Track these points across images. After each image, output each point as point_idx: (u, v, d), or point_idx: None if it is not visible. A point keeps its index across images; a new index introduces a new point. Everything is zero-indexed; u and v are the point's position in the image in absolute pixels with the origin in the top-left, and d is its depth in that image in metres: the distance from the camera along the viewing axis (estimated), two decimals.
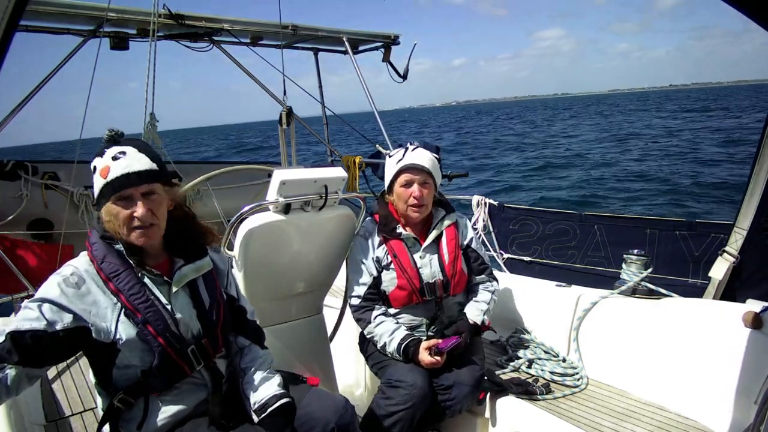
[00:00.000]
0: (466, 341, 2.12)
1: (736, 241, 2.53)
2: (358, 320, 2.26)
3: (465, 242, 2.34)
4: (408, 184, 2.19)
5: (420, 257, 2.23)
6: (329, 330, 2.55)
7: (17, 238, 3.87)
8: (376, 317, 2.19)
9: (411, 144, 2.27)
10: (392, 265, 2.20)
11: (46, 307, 1.32)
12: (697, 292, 2.96)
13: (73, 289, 1.37)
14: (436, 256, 2.24)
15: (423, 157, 2.20)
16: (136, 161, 1.42)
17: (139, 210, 1.40)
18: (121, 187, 1.40)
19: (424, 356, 2.07)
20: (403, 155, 2.21)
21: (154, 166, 1.45)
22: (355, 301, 2.24)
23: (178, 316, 1.49)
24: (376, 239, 2.25)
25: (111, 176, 1.40)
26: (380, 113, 4.85)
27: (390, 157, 2.30)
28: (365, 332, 2.24)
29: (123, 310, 1.41)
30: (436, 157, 2.26)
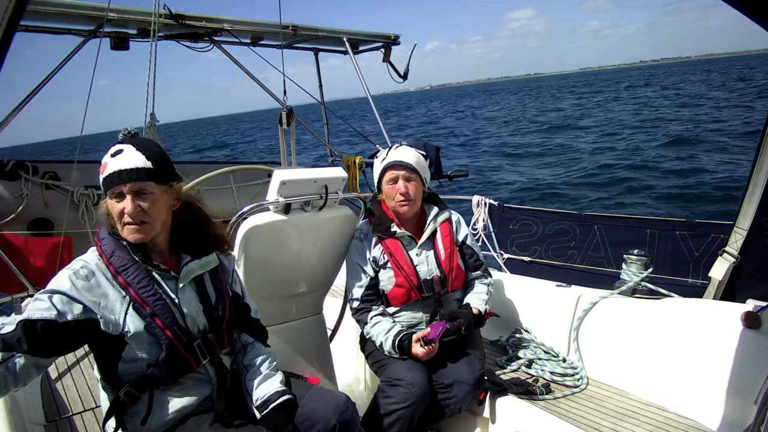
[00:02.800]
0: (462, 325, 2.11)
1: (736, 241, 2.53)
2: (357, 321, 2.27)
3: (460, 238, 2.36)
4: (393, 181, 2.22)
5: (416, 254, 2.23)
6: (329, 330, 2.55)
7: (17, 235, 3.87)
8: (372, 317, 2.20)
9: (399, 143, 2.32)
10: (389, 264, 2.21)
11: (56, 298, 1.35)
12: (697, 292, 2.96)
13: (83, 281, 1.41)
14: (432, 252, 2.25)
15: (406, 154, 2.24)
16: (129, 159, 1.44)
17: (127, 207, 1.43)
18: (112, 184, 1.44)
19: (416, 348, 2.07)
20: (387, 154, 2.27)
21: (148, 164, 1.45)
22: (354, 304, 2.26)
23: (185, 310, 1.52)
24: (372, 240, 2.26)
25: (105, 173, 1.44)
26: (353, 101, 4.89)
27: (377, 158, 2.34)
28: (364, 332, 2.25)
29: (131, 303, 1.44)
30: (422, 154, 2.28)
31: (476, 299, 2.27)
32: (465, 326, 2.13)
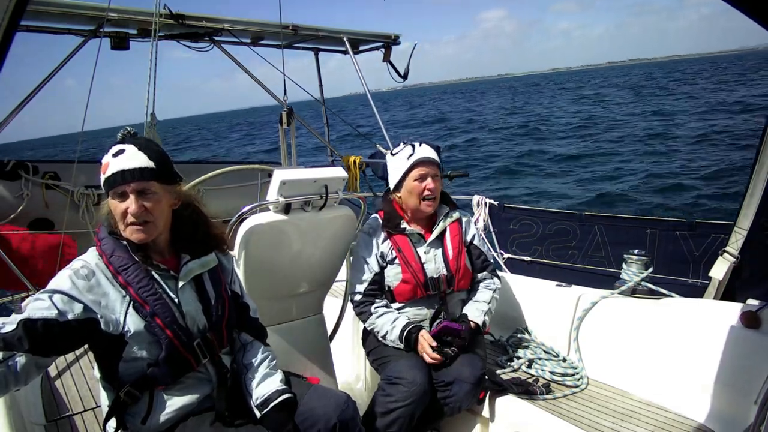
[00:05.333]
0: (466, 342, 2.12)
1: (736, 241, 2.53)
2: (359, 314, 2.27)
3: (468, 239, 2.36)
4: (422, 178, 2.22)
5: (424, 252, 2.24)
6: (329, 329, 2.55)
7: (18, 234, 3.87)
8: (377, 308, 2.21)
9: (411, 142, 2.30)
10: (397, 260, 2.22)
11: (57, 297, 1.35)
12: (697, 292, 2.96)
13: (84, 281, 1.41)
14: (440, 251, 2.26)
15: (431, 151, 2.26)
16: (131, 159, 1.45)
17: (131, 206, 1.43)
18: (115, 183, 1.44)
19: (424, 343, 2.09)
20: (413, 150, 2.25)
21: (150, 164, 1.46)
22: (356, 297, 2.26)
23: (185, 309, 1.52)
24: (381, 235, 2.27)
25: (108, 173, 1.44)
26: (330, 99, 4.90)
27: (393, 155, 2.32)
28: (366, 325, 2.25)
29: (131, 302, 1.44)
30: None
31: (475, 311, 2.26)
32: (463, 343, 2.13)
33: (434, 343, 2.09)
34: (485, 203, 4.39)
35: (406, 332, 2.13)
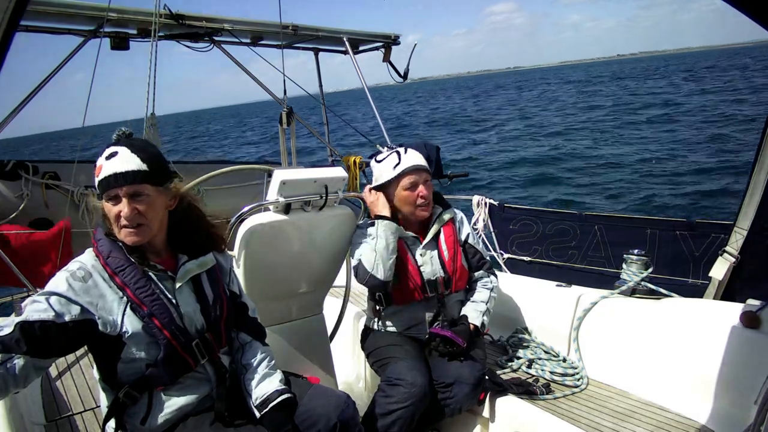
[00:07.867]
0: (464, 345, 2.11)
1: (736, 241, 2.53)
2: (364, 278, 2.12)
3: (462, 237, 2.35)
4: (413, 186, 2.19)
5: (420, 255, 2.24)
6: (329, 329, 2.55)
7: (17, 233, 3.87)
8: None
9: (398, 147, 2.29)
10: None
11: (54, 299, 1.35)
12: (697, 292, 2.96)
13: (80, 282, 1.41)
14: (436, 253, 2.25)
15: (419, 157, 2.23)
16: (124, 162, 1.44)
17: (124, 210, 1.43)
18: (108, 187, 1.44)
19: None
20: (399, 159, 2.22)
21: (143, 167, 1.45)
22: (356, 264, 2.18)
23: (183, 310, 1.52)
24: None
25: (101, 175, 1.44)
26: (332, 94, 4.90)
27: (378, 162, 2.29)
28: (369, 267, 2.10)
29: (129, 303, 1.44)
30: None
31: (473, 312, 2.25)
32: (463, 346, 2.10)
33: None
34: (485, 203, 4.39)
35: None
